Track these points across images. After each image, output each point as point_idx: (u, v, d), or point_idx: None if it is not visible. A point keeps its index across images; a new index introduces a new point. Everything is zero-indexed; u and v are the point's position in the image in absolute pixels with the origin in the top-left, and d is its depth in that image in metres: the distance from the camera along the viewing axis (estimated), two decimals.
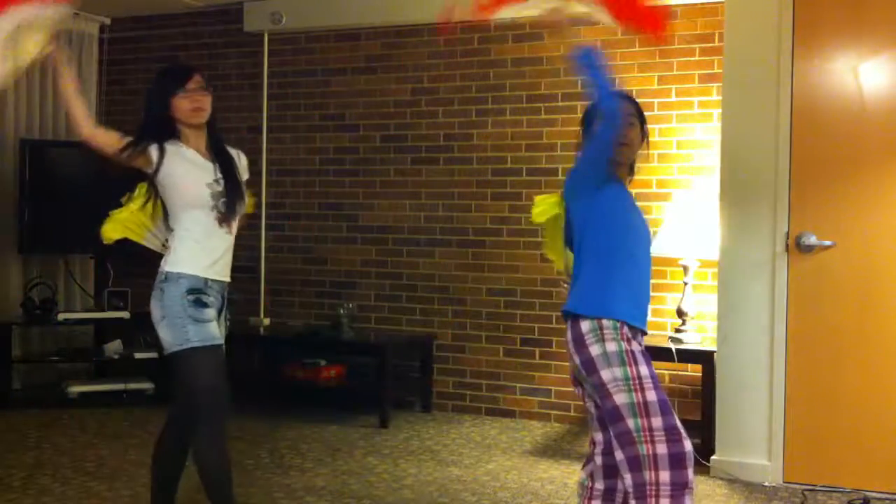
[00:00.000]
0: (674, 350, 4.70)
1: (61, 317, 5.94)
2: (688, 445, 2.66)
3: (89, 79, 6.69)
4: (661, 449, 2.62)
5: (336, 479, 4.35)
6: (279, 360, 5.85)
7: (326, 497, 4.09)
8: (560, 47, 5.55)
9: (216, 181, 3.28)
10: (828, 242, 4.26)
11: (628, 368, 2.67)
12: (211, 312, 3.24)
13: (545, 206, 3.04)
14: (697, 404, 4.90)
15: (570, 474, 4.48)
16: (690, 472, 2.66)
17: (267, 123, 6.32)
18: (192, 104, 3.26)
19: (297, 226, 6.29)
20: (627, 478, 2.65)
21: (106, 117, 6.81)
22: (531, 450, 4.96)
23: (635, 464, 2.64)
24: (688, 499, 2.65)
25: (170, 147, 3.25)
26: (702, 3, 5.21)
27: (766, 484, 4.33)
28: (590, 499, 2.87)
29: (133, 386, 5.92)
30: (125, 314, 6.03)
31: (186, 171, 3.25)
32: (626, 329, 2.75)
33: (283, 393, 5.94)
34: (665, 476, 2.61)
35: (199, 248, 3.24)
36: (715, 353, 4.59)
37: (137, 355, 5.96)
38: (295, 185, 6.28)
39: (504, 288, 5.68)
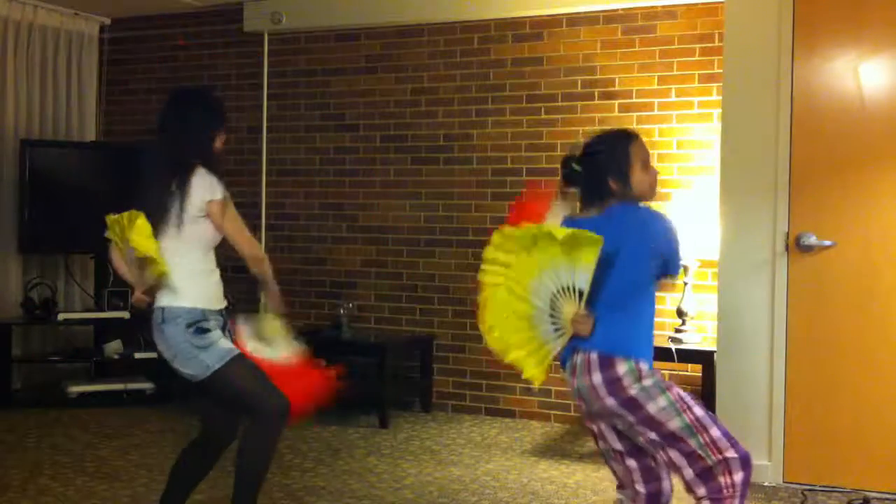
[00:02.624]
0: (674, 350, 4.71)
1: (61, 317, 5.95)
2: (743, 447, 2.75)
3: (89, 79, 6.70)
4: (730, 453, 2.70)
5: (336, 479, 4.35)
6: None
7: (326, 497, 4.09)
8: (560, 47, 5.56)
9: None
10: (828, 242, 4.26)
11: (669, 394, 2.72)
12: (214, 334, 3.21)
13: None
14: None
15: (570, 474, 4.48)
16: (752, 469, 2.76)
17: (267, 123, 6.32)
18: (221, 145, 3.34)
19: (297, 226, 6.29)
20: (701, 489, 2.70)
21: (106, 117, 6.83)
22: (531, 450, 4.96)
23: (709, 475, 2.69)
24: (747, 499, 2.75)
25: (213, 177, 3.25)
26: (702, 3, 5.21)
27: (766, 484, 4.33)
28: None
29: (133, 386, 5.93)
30: (125, 314, 6.03)
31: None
32: (654, 369, 2.79)
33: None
34: (738, 476, 2.69)
35: (201, 282, 3.26)
36: (715, 353, 4.59)
37: (137, 355, 5.96)
38: (295, 185, 6.28)
39: None
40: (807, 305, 4.31)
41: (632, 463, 2.86)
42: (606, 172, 2.83)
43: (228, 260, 3.38)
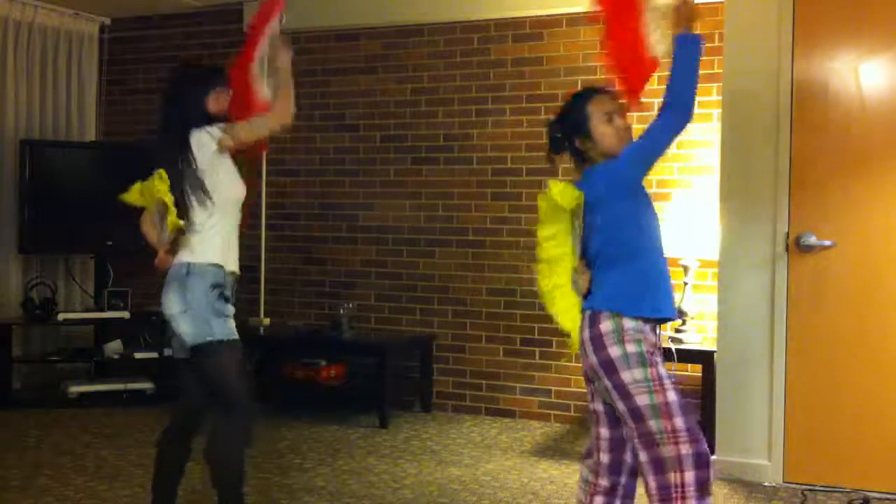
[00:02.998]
0: (674, 350, 4.70)
1: (61, 317, 5.94)
2: (705, 445, 2.65)
3: (89, 79, 6.70)
4: (686, 449, 2.60)
5: (336, 479, 4.35)
6: (279, 360, 5.85)
7: (326, 497, 4.09)
8: (560, 47, 5.55)
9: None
10: (828, 242, 4.26)
11: (649, 370, 2.66)
12: (231, 308, 3.28)
13: (565, 194, 2.88)
14: (697, 404, 4.89)
15: (570, 474, 4.48)
16: (712, 471, 2.66)
17: None
18: (222, 104, 3.39)
19: (297, 226, 6.29)
20: (650, 480, 2.64)
21: (106, 117, 6.83)
22: (531, 450, 4.95)
23: (659, 466, 2.62)
24: (709, 499, 2.65)
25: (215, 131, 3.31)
26: (702, 3, 5.17)
27: (766, 484, 4.33)
28: (592, 495, 2.86)
29: (133, 386, 5.93)
30: (125, 314, 6.04)
31: (232, 166, 3.35)
32: (647, 328, 2.73)
33: (283, 393, 5.93)
34: (690, 476, 2.60)
35: (226, 241, 3.30)
36: (715, 353, 4.59)
37: (137, 355, 5.97)
38: (295, 185, 6.28)
39: (504, 288, 5.68)
40: (807, 305, 4.31)
41: (604, 431, 2.83)
42: (572, 133, 2.87)
43: None
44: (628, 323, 2.70)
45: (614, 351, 2.69)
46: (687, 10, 2.79)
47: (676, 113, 2.77)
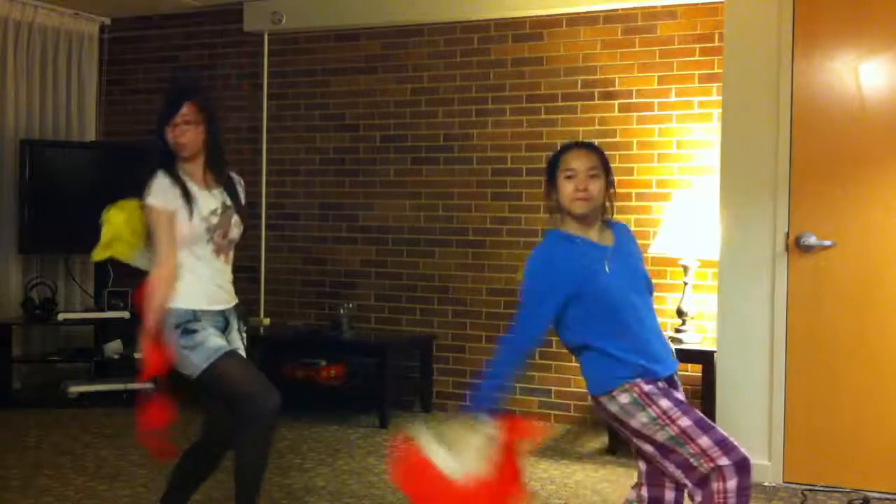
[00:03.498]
0: (674, 350, 4.69)
1: (61, 317, 5.94)
2: (743, 451, 2.70)
3: (89, 79, 6.70)
4: (723, 461, 2.66)
5: (336, 479, 4.35)
6: (279, 360, 5.84)
7: (326, 497, 4.09)
8: (560, 47, 5.55)
9: (213, 212, 3.23)
10: (828, 242, 4.26)
11: (649, 410, 2.71)
12: (200, 335, 3.16)
13: None
14: (697, 404, 4.89)
15: (570, 474, 4.48)
16: (751, 474, 2.71)
17: (267, 123, 6.32)
18: (175, 139, 3.19)
19: (297, 226, 6.29)
20: (698, 496, 2.70)
21: (106, 117, 6.83)
22: (531, 450, 4.95)
23: (704, 482, 2.69)
24: (749, 500, 2.72)
25: (164, 181, 3.18)
26: (702, 3, 5.20)
27: (766, 484, 4.33)
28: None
29: (133, 386, 5.91)
30: (125, 314, 6.03)
31: (181, 208, 3.18)
32: (639, 383, 2.74)
33: (282, 393, 5.90)
34: (732, 483, 2.65)
35: (191, 280, 3.20)
36: (715, 353, 4.59)
37: (137, 355, 5.92)
38: (295, 185, 6.28)
39: (504, 288, 5.68)
40: (807, 305, 4.31)
41: (642, 465, 2.90)
42: (549, 187, 2.88)
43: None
44: (614, 391, 2.76)
45: (612, 407, 2.77)
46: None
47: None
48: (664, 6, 5.29)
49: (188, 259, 3.21)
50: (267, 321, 6.17)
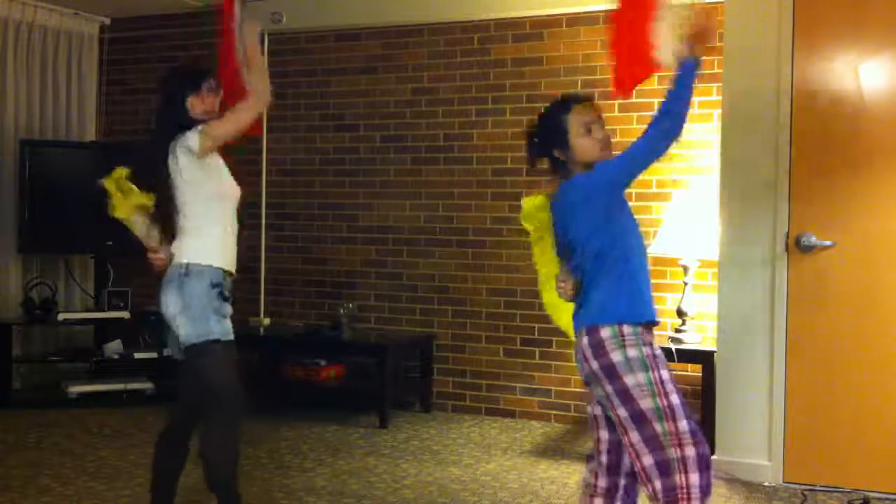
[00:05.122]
0: (674, 350, 4.70)
1: (61, 317, 5.95)
2: (707, 447, 2.68)
3: (89, 79, 6.70)
4: (690, 451, 2.63)
5: (336, 479, 4.35)
6: (279, 360, 5.85)
7: (326, 497, 4.09)
8: (560, 47, 5.55)
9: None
10: (828, 242, 4.26)
11: (651, 373, 2.67)
12: (229, 308, 3.29)
13: (533, 209, 2.99)
14: (697, 404, 4.89)
15: (570, 474, 4.48)
16: (712, 472, 2.70)
17: (267, 123, 6.32)
18: (205, 106, 3.34)
19: (297, 226, 6.29)
20: (657, 483, 2.65)
21: (106, 117, 6.83)
22: (531, 450, 4.95)
23: (665, 468, 2.64)
24: (709, 500, 2.68)
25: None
26: (702, 3, 5.19)
27: (766, 484, 4.33)
28: (592, 496, 2.88)
29: (133, 386, 5.92)
30: (125, 314, 6.04)
31: (222, 164, 3.35)
32: (644, 332, 2.75)
33: (283, 393, 5.93)
34: (694, 478, 2.63)
35: (224, 240, 3.30)
36: (715, 353, 4.59)
37: (137, 355, 5.97)
38: (295, 185, 6.28)
39: (504, 288, 5.68)
40: (807, 305, 4.31)
41: (604, 433, 2.85)
42: (551, 144, 2.86)
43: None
44: (627, 328, 2.72)
45: (616, 356, 2.70)
46: (708, 35, 2.80)
47: (674, 121, 2.78)
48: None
49: (222, 219, 3.31)
50: (267, 321, 6.17)
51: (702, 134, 5.19)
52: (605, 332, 2.72)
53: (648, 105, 5.28)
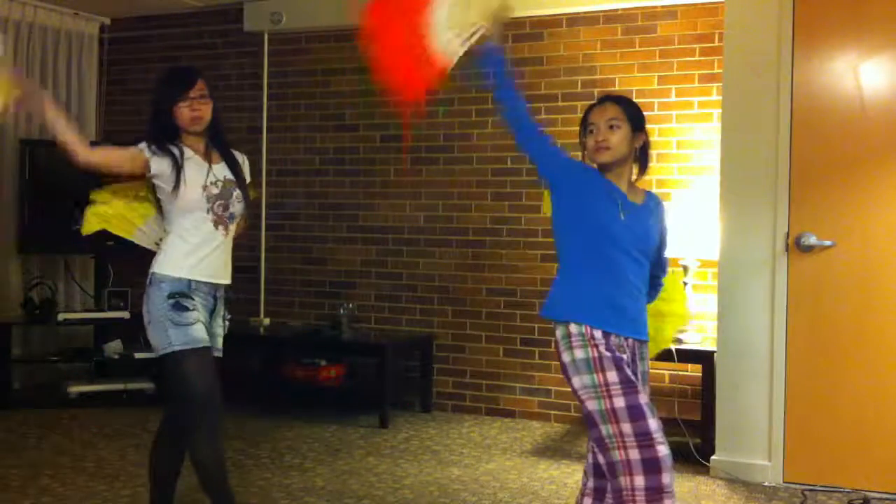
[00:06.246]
0: (674, 350, 4.70)
1: (61, 317, 5.94)
2: (662, 450, 2.65)
3: (89, 79, 6.70)
4: (634, 454, 2.64)
5: (336, 479, 4.35)
6: (279, 360, 5.85)
7: (326, 497, 4.09)
8: (560, 47, 5.55)
9: (213, 183, 3.28)
10: (828, 242, 4.26)
11: (596, 376, 2.70)
12: (193, 315, 3.20)
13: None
14: (697, 404, 4.90)
15: (570, 474, 4.48)
16: (666, 476, 2.66)
17: (267, 123, 6.32)
18: (192, 113, 3.28)
19: (297, 226, 6.29)
20: (611, 482, 2.71)
21: (106, 117, 6.83)
22: (531, 450, 4.95)
23: (612, 470, 2.69)
24: (667, 502, 2.65)
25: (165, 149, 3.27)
26: (702, 3, 5.21)
27: (766, 484, 4.33)
28: (582, 495, 2.91)
29: (133, 386, 5.93)
30: (125, 314, 6.03)
31: (193, 174, 3.26)
32: (597, 334, 2.74)
33: (283, 393, 5.93)
34: (639, 481, 2.63)
35: (188, 250, 3.24)
36: (715, 353, 4.59)
37: (137, 355, 5.96)
38: (295, 185, 6.28)
39: (504, 288, 5.68)
40: (807, 305, 4.31)
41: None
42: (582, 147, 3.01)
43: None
44: (574, 328, 2.75)
45: (565, 357, 2.77)
46: (505, 13, 2.91)
47: (504, 113, 3.02)
48: (664, 6, 5.29)
49: (187, 229, 3.25)
50: (267, 321, 6.17)
51: (702, 134, 5.19)
52: (558, 333, 2.80)
53: (648, 105, 5.29)
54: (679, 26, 5.26)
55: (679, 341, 4.58)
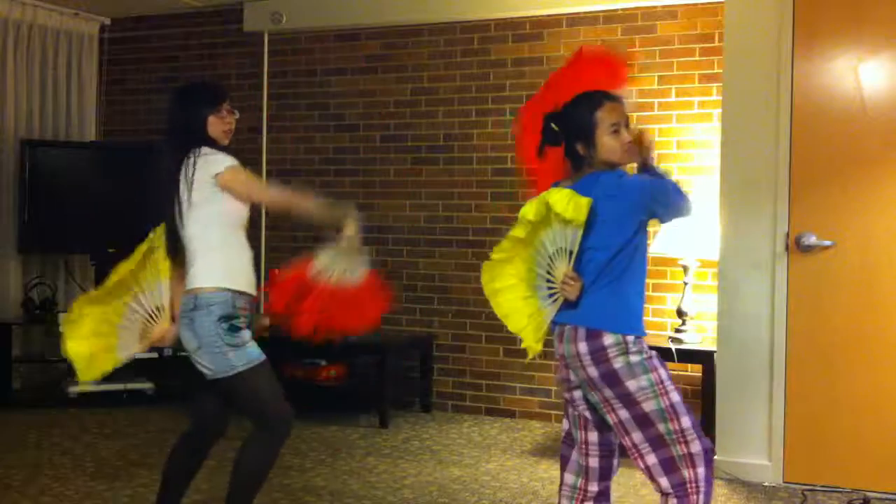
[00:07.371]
0: (674, 350, 4.70)
1: (61, 317, 5.94)
2: (706, 441, 2.72)
3: (89, 79, 6.70)
4: (695, 447, 2.67)
5: (336, 479, 4.35)
6: (279, 360, 5.83)
7: (326, 497, 4.09)
8: (560, 47, 5.55)
9: None
10: (828, 242, 4.26)
11: (652, 375, 2.69)
12: (247, 334, 3.22)
13: (572, 203, 2.73)
14: (697, 404, 4.89)
15: None
16: (713, 468, 2.76)
17: (267, 123, 6.32)
18: (226, 126, 3.41)
19: (297, 226, 6.28)
20: (663, 480, 2.68)
21: (106, 117, 6.83)
22: (531, 450, 4.96)
23: (671, 465, 2.67)
24: (712, 489, 2.74)
25: (219, 152, 3.33)
26: (702, 3, 5.21)
27: (766, 484, 4.33)
28: (583, 500, 2.88)
29: (133, 386, 5.92)
30: None
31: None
32: (643, 338, 2.77)
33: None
34: (701, 471, 2.67)
35: (243, 264, 3.27)
36: (715, 353, 4.59)
37: (137, 355, 5.95)
38: (295, 185, 6.26)
39: None
40: (807, 305, 4.31)
41: (593, 436, 2.83)
42: (574, 137, 2.78)
43: None
44: (630, 337, 2.71)
45: (618, 363, 2.69)
46: (645, 143, 2.76)
47: (671, 207, 2.82)
48: (664, 6, 5.29)
49: (229, 239, 3.25)
50: (267, 321, 6.16)
51: (702, 134, 5.19)
52: (609, 340, 2.69)
53: (648, 105, 5.30)
54: (679, 26, 5.26)
55: None
